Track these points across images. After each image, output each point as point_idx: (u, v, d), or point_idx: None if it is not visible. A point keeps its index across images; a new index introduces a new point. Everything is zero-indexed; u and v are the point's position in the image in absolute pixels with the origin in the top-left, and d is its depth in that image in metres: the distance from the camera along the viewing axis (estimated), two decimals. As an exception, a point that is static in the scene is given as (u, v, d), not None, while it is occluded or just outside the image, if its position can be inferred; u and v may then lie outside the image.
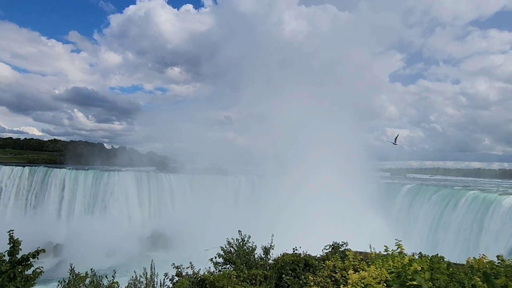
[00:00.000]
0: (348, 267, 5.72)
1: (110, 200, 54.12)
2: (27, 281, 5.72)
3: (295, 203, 42.26)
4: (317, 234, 16.29)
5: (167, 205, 56.62)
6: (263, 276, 7.07)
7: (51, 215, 53.20)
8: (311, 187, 43.87)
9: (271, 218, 36.22)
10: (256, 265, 8.34)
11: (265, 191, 52.01)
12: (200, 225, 44.73)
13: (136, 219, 53.38)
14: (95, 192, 54.92)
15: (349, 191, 44.05)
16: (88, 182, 55.62)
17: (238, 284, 6.35)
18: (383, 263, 5.26)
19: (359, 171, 49.78)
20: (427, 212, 41.35)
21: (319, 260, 7.79)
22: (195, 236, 40.85)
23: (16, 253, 5.73)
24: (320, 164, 48.00)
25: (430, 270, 5.03)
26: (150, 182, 57.56)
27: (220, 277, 6.65)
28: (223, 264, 8.59)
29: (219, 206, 52.52)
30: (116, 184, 55.29)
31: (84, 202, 54.40)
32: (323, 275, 5.67)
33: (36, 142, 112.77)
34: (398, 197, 48.46)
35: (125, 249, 38.41)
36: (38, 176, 56.46)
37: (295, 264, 7.49)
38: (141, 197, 55.81)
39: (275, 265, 7.74)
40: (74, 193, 54.64)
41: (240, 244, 9.12)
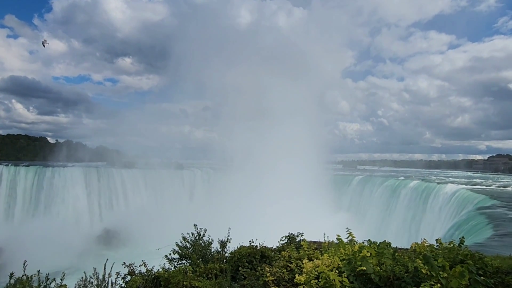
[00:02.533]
0: (303, 257, 5.87)
1: (55, 198, 50.60)
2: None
3: (252, 196, 42.70)
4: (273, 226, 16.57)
5: (119, 201, 54.29)
6: (220, 270, 7.02)
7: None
8: (268, 181, 44.60)
9: (227, 212, 36.29)
10: (212, 259, 8.26)
11: (222, 185, 51.89)
12: (154, 222, 43.57)
13: (85, 218, 50.56)
14: (37, 189, 51.02)
15: (305, 184, 45.47)
16: (29, 179, 51.50)
17: (194, 279, 6.25)
18: (335, 251, 5.47)
19: (315, 164, 51.51)
20: (376, 201, 44.10)
21: (275, 251, 7.90)
22: (149, 233, 39.75)
23: None
24: (278, 158, 48.89)
25: (377, 255, 5.31)
26: (100, 178, 54.73)
27: (175, 273, 6.49)
28: (178, 260, 8.41)
29: (175, 201, 51.56)
30: (62, 181, 51.81)
31: (26, 201, 50.35)
32: (279, 265, 5.76)
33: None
34: (350, 187, 51.08)
35: (74, 249, 36.28)
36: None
37: (252, 256, 7.53)
38: (90, 194, 52.88)
39: (231, 258, 7.73)
40: (13, 191, 50.31)
41: (196, 239, 8.98)
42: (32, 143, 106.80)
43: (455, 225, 24.92)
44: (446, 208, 32.05)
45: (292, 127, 54.04)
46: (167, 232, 15.45)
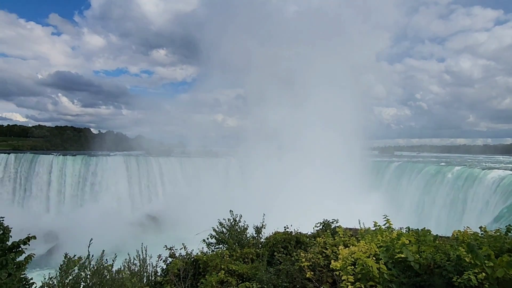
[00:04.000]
0: (339, 243, 5.85)
1: (99, 185, 53.77)
2: (19, 267, 5.69)
3: (286, 183, 42.73)
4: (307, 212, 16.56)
5: (157, 189, 56.62)
6: (256, 254, 7.19)
7: (40, 202, 52.69)
8: (303, 167, 44.29)
9: (262, 198, 36.63)
10: (248, 244, 8.46)
11: (256, 172, 52.29)
12: (191, 208, 45.01)
13: (126, 204, 53.32)
14: (84, 177, 54.40)
15: (340, 171, 44.69)
16: (77, 168, 54.96)
17: (231, 263, 6.45)
18: (372, 238, 5.39)
19: (350, 151, 50.36)
20: (415, 188, 42.46)
21: (310, 238, 7.93)
22: (187, 218, 41.16)
23: (7, 240, 5.67)
24: (312, 146, 48.33)
25: (417, 243, 5.17)
26: (139, 166, 57.25)
27: (213, 256, 6.74)
28: (215, 244, 8.70)
29: (210, 188, 52.76)
30: (105, 169, 54.82)
31: (73, 188, 53.91)
32: (314, 251, 5.79)
33: (19, 129, 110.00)
34: (387, 174, 49.52)
35: (117, 233, 38.47)
36: (24, 163, 55.40)
37: (287, 242, 7.63)
38: (131, 182, 55.57)
39: (267, 244, 7.87)
40: (62, 179, 54.02)
41: (232, 224, 9.22)
42: (77, 134, 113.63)
43: (501, 213, 23.48)
44: (492, 196, 30.24)
45: (326, 113, 53.03)
46: (203, 217, 15.93)
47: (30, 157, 56.39)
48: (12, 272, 5.50)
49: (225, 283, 5.86)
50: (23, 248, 5.81)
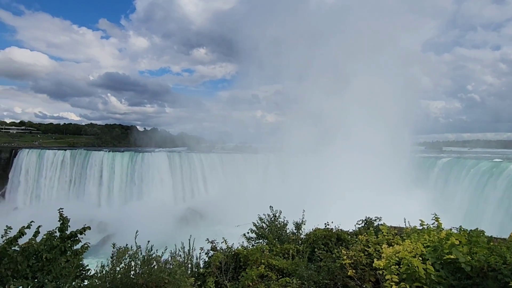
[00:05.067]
0: (382, 241, 5.66)
1: (145, 180, 56.55)
2: (76, 255, 6.18)
3: (326, 179, 41.97)
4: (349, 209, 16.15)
5: (199, 184, 58.36)
6: (296, 250, 7.19)
7: (92, 195, 56.60)
8: (343, 163, 43.19)
9: (301, 195, 36.38)
10: (288, 239, 8.48)
11: (295, 168, 51.96)
12: (231, 202, 45.83)
13: (170, 198, 55.55)
14: (131, 173, 57.52)
15: (383, 167, 43.05)
16: (125, 164, 58.25)
17: (271, 258, 6.51)
18: (418, 237, 5.16)
19: (396, 146, 48.26)
20: (466, 186, 39.72)
21: (351, 235, 7.78)
22: (227, 213, 41.98)
23: (65, 229, 6.17)
24: (352, 141, 47.00)
25: (468, 244, 4.87)
26: (182, 162, 59.35)
27: (253, 251, 6.84)
28: (256, 239, 8.82)
29: (250, 183, 53.35)
30: (151, 164, 57.51)
31: (122, 183, 57.23)
32: (356, 249, 5.66)
33: (74, 127, 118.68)
34: (434, 171, 46.83)
35: (162, 226, 40.25)
36: (78, 158, 59.89)
37: (327, 239, 7.54)
38: (174, 176, 57.81)
39: (307, 240, 7.83)
40: (112, 175, 57.53)
41: (272, 220, 9.28)
42: (125, 131, 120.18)
43: None
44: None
45: (368, 109, 51.22)
46: (244, 212, 16.18)
47: (83, 153, 60.84)
48: (70, 258, 5.99)
49: (265, 277, 5.93)
50: (80, 237, 6.31)
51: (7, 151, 69.79)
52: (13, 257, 5.20)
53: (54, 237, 5.95)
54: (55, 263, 5.60)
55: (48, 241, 5.82)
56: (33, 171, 60.45)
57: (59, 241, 5.94)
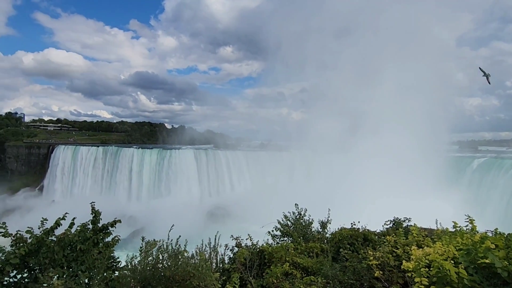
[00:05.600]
0: (411, 243, 5.49)
1: (173, 176, 57.92)
2: (108, 247, 6.45)
3: (353, 177, 41.13)
4: (376, 209, 15.74)
5: (224, 180, 59.01)
6: (320, 249, 7.11)
7: (123, 190, 58.73)
8: (372, 163, 42.09)
9: (327, 193, 35.86)
10: (313, 238, 8.40)
11: (321, 167, 51.32)
12: (256, 200, 45.98)
13: (196, 194, 56.57)
14: (159, 169, 59.13)
15: (414, 166, 41.56)
16: (153, 160, 59.96)
17: (296, 256, 6.48)
18: (450, 240, 4.95)
19: (425, 145, 46.45)
20: (503, 188, 37.62)
21: (379, 236, 7.59)
22: (252, 210, 42.15)
23: (97, 222, 6.45)
24: (381, 139, 45.70)
25: (506, 248, 4.62)
26: (208, 159, 60.26)
27: (278, 248, 6.84)
28: (280, 237, 8.80)
29: (275, 181, 53.26)
30: (178, 161, 58.83)
31: (151, 178, 58.96)
32: (384, 250, 5.51)
33: (106, 124, 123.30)
34: (468, 171, 44.69)
35: (188, 221, 41.05)
36: (110, 155, 62.33)
37: (354, 239, 7.40)
38: (200, 173, 58.82)
39: (332, 239, 7.73)
40: (141, 170, 59.39)
41: (297, 218, 9.23)
42: (154, 128, 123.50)
43: None
44: None
45: (399, 106, 49.56)
46: (268, 210, 16.22)
47: (115, 150, 63.23)
48: (102, 250, 6.26)
49: (289, 275, 5.91)
50: (111, 230, 6.57)
51: (45, 147, 73.86)
52: (50, 247, 5.49)
53: (87, 229, 6.24)
54: (88, 254, 5.87)
55: (81, 233, 6.10)
56: (69, 167, 63.61)
57: (92, 233, 6.22)
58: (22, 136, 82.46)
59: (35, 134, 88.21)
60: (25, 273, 5.39)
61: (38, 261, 5.37)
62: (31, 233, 5.51)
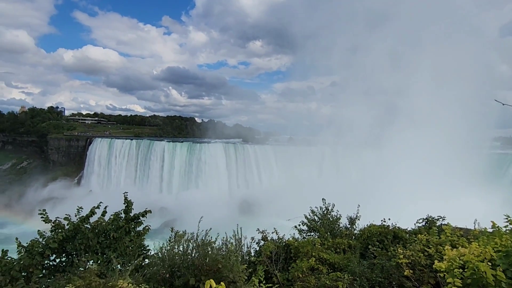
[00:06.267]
0: (445, 242, 5.25)
1: (202, 169, 59.08)
2: (139, 235, 6.73)
3: (384, 173, 39.93)
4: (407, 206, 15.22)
5: (253, 174, 59.37)
6: (348, 246, 6.99)
7: (154, 182, 60.72)
8: (403, 157, 40.62)
9: (356, 189, 35.13)
10: (340, 234, 8.27)
11: (350, 162, 50.26)
12: (284, 194, 45.89)
13: (225, 187, 57.38)
14: (189, 162, 60.51)
15: (450, 163, 39.64)
16: (184, 153, 61.43)
17: (322, 251, 6.40)
18: (488, 241, 4.68)
19: (463, 141, 44.05)
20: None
21: (410, 234, 7.33)
22: (279, 204, 42.17)
23: (130, 211, 6.74)
24: (414, 135, 43.88)
25: (550, 252, 4.31)
26: (237, 153, 60.85)
27: (304, 243, 6.79)
28: (307, 232, 8.74)
29: (303, 176, 52.83)
30: (207, 155, 59.88)
31: (181, 171, 60.50)
32: (415, 248, 5.32)
33: (139, 118, 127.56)
34: (509, 170, 42.05)
35: (216, 214, 41.79)
36: (143, 148, 64.59)
37: (383, 236, 7.19)
38: (229, 167, 59.54)
39: (361, 236, 7.56)
40: (172, 163, 61.05)
41: (324, 213, 9.11)
42: (184, 122, 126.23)
43: None
44: None
45: (435, 100, 47.29)
46: (295, 204, 16.11)
47: (147, 143, 65.42)
48: (134, 238, 6.53)
49: (315, 270, 5.86)
50: (142, 220, 6.84)
51: (83, 140, 77.76)
52: (85, 233, 5.81)
53: (120, 218, 6.53)
54: (120, 242, 6.15)
55: (115, 221, 6.40)
56: (104, 158, 66.67)
57: (124, 222, 6.50)
58: (63, 129, 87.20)
59: (74, 127, 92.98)
60: (63, 258, 5.74)
61: (74, 246, 5.70)
62: (68, 220, 5.85)
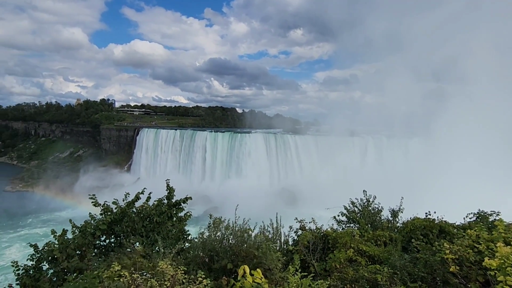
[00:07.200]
0: (497, 239, 4.88)
1: (243, 158, 59.95)
2: (180, 221, 7.04)
3: (432, 164, 37.76)
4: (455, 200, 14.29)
5: (293, 164, 59.17)
6: (389, 238, 6.75)
7: (197, 170, 62.82)
8: (454, 148, 38.08)
9: (401, 180, 33.62)
10: (382, 226, 8.01)
11: (395, 152, 48.09)
12: (324, 185, 45.24)
13: (265, 177, 57.80)
14: (231, 151, 61.67)
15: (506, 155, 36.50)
16: (225, 143, 62.69)
17: (362, 243, 6.25)
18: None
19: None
20: None
21: (458, 228, 6.90)
22: (319, 194, 41.67)
23: (172, 197, 7.07)
24: (466, 127, 40.80)
25: None
26: (277, 143, 60.88)
27: (343, 234, 6.68)
28: (346, 223, 8.57)
29: (344, 166, 51.61)
30: (248, 144, 60.57)
31: (223, 160, 61.89)
32: (463, 244, 5.00)
33: (183, 109, 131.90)
34: None
35: (256, 203, 42.32)
36: (186, 137, 66.95)
37: (428, 230, 6.85)
38: (269, 157, 59.82)
39: (403, 229, 7.27)
40: (214, 152, 62.64)
41: (365, 204, 8.86)
42: (225, 113, 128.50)
43: None
44: None
45: (490, 92, 43.49)
46: (335, 195, 15.85)
47: (190, 133, 67.65)
48: (176, 223, 6.85)
49: (353, 262, 5.75)
50: (183, 206, 7.14)
51: (132, 130, 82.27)
52: (131, 217, 6.21)
53: (162, 204, 6.88)
54: (163, 226, 6.50)
55: (158, 207, 6.76)
56: (151, 148, 70.14)
57: (167, 207, 6.84)
58: (113, 120, 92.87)
59: (123, 118, 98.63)
60: (112, 239, 6.19)
61: (122, 228, 6.12)
62: (116, 204, 6.28)
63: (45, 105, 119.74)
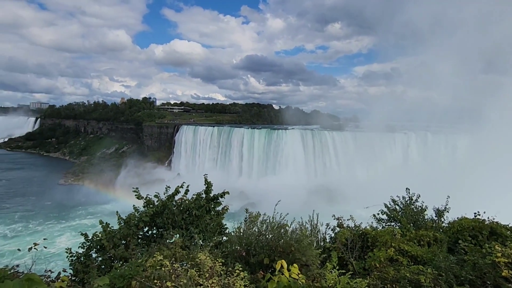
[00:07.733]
0: (557, 243, 4.48)
1: (280, 155, 59.97)
2: (218, 214, 7.21)
3: (480, 161, 35.29)
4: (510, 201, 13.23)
5: (331, 161, 58.18)
6: (434, 239, 6.42)
7: (234, 166, 63.83)
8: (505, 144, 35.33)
9: (447, 178, 31.79)
10: (425, 226, 7.64)
11: (441, 149, 45.53)
12: (363, 182, 44.00)
13: (302, 173, 57.37)
14: (267, 148, 61.94)
15: None
16: (262, 139, 63.10)
17: (403, 243, 6.01)
18: None
19: None
20: None
21: (511, 231, 6.41)
22: (357, 192, 40.62)
23: (209, 192, 7.26)
24: None
25: None
26: (314, 139, 60.15)
27: (383, 233, 6.47)
28: (387, 221, 8.30)
29: (384, 163, 49.80)
30: (285, 141, 60.50)
31: (260, 157, 62.37)
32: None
33: (220, 106, 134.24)
34: None
35: (293, 200, 42.13)
36: (223, 134, 68.25)
37: (477, 231, 6.42)
38: (307, 153, 59.27)
39: (449, 229, 6.88)
40: (251, 149, 63.26)
41: (407, 203, 8.51)
42: (262, 109, 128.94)
43: None
44: None
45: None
46: (375, 193, 15.35)
47: (228, 130, 68.83)
48: (213, 217, 7.03)
49: (394, 262, 5.54)
50: (221, 200, 7.31)
51: (172, 127, 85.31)
52: (171, 209, 6.48)
53: (201, 198, 7.09)
54: (202, 219, 6.70)
55: (197, 200, 6.97)
56: (190, 144, 72.33)
57: (205, 201, 7.03)
58: (154, 117, 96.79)
59: (164, 116, 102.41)
60: (154, 230, 6.51)
61: (163, 221, 6.42)
62: (158, 197, 6.58)
63: (93, 104, 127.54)
